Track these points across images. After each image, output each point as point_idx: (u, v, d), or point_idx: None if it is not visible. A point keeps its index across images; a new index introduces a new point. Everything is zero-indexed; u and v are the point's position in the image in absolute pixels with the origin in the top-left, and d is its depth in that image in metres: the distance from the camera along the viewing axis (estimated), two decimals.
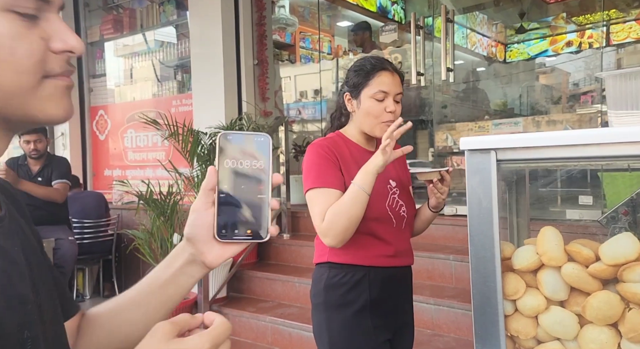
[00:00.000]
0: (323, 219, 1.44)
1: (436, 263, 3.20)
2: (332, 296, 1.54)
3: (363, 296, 1.53)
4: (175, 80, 5.06)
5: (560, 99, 5.41)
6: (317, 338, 1.59)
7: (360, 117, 1.57)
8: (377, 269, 1.55)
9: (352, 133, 1.63)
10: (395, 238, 1.59)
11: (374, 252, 1.55)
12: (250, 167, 0.64)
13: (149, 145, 5.14)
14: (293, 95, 6.48)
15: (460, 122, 5.02)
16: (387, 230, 1.56)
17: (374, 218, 1.52)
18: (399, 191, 1.61)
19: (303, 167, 1.57)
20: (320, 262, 1.60)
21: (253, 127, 4.01)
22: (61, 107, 0.56)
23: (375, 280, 1.55)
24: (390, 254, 1.57)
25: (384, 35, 4.67)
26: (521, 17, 6.62)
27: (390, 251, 1.57)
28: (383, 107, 1.53)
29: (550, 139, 0.98)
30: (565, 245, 1.01)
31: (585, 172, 3.35)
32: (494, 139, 1.05)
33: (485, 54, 7.18)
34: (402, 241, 1.62)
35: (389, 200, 1.58)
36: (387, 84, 1.53)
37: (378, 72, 1.54)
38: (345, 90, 1.60)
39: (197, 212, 0.66)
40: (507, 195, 1.30)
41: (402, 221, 1.61)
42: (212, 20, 4.30)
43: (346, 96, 1.59)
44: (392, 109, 1.53)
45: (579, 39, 6.53)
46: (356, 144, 1.61)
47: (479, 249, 1.06)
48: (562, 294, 1.01)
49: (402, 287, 1.65)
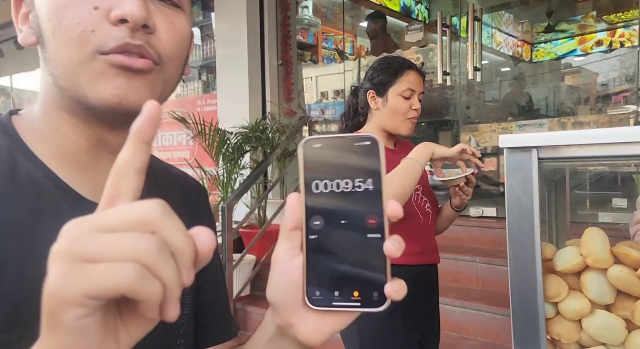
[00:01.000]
0: None
1: (462, 265, 3.16)
2: None
3: None
4: (200, 81, 5.10)
5: (589, 100, 5.29)
6: (346, 339, 1.58)
7: (386, 115, 1.59)
8: (407, 268, 1.54)
9: (370, 132, 1.62)
10: (422, 235, 1.60)
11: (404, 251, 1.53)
12: (353, 189, 0.42)
13: (174, 144, 5.19)
14: (314, 95, 6.47)
15: (484, 123, 4.95)
16: (414, 226, 1.57)
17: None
18: (422, 188, 1.63)
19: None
20: None
21: (277, 127, 4.02)
22: (111, 88, 0.48)
23: (406, 279, 1.52)
24: (418, 251, 1.57)
25: (410, 34, 4.63)
26: (549, 16, 6.50)
27: (419, 247, 1.57)
28: (409, 105, 1.57)
29: (595, 137, 0.94)
30: (611, 247, 0.97)
31: (616, 174, 3.27)
32: (535, 137, 1.01)
33: (511, 54, 7.07)
34: (429, 238, 1.63)
35: (414, 196, 1.59)
36: (415, 82, 1.58)
37: (406, 70, 1.58)
38: (368, 87, 1.61)
39: (279, 265, 0.44)
40: (546, 196, 1.26)
41: (428, 217, 1.62)
42: (237, 21, 4.32)
43: (369, 94, 1.61)
44: (418, 107, 1.58)
45: (609, 38, 6.38)
46: None
47: (518, 250, 1.03)
48: (608, 298, 0.97)
49: (430, 286, 1.65)
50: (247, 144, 3.73)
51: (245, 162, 3.94)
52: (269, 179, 4.17)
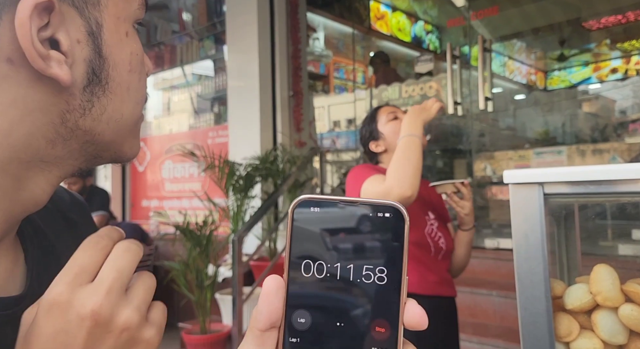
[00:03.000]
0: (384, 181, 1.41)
1: (478, 298, 3.07)
2: None
3: None
4: (212, 112, 5.17)
5: (607, 128, 5.22)
6: None
7: (391, 140, 1.65)
8: (422, 298, 1.50)
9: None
10: (435, 266, 1.57)
11: (415, 278, 1.52)
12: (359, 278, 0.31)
13: (185, 176, 5.24)
14: (326, 124, 6.51)
15: (500, 151, 4.91)
16: (426, 256, 1.55)
17: (414, 242, 1.52)
18: (437, 223, 1.62)
19: (348, 182, 1.57)
20: None
21: (288, 158, 4.02)
22: (139, 142, 0.48)
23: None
24: (436, 280, 1.54)
25: (420, 65, 4.66)
26: (561, 45, 6.51)
27: (434, 277, 1.54)
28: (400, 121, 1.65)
29: (603, 173, 0.90)
30: (621, 284, 0.93)
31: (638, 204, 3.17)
32: (540, 173, 0.98)
33: (524, 82, 7.06)
34: (441, 270, 1.60)
35: (428, 228, 1.57)
36: (390, 109, 1.72)
37: (377, 110, 1.74)
38: (366, 143, 1.74)
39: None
40: (556, 229, 1.22)
41: (440, 252, 1.59)
42: (249, 54, 4.40)
43: (371, 145, 1.71)
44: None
45: (624, 65, 6.34)
46: None
47: (527, 288, 0.99)
48: (621, 338, 0.92)
49: (448, 320, 1.60)
50: (257, 174, 3.74)
51: (255, 194, 3.94)
52: (280, 211, 4.15)
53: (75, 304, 0.34)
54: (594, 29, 6.21)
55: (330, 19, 6.20)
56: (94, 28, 0.40)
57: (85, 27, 0.39)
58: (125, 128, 0.44)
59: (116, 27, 0.41)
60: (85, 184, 4.00)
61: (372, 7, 6.55)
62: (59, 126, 0.40)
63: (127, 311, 0.35)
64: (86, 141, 0.42)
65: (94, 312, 0.34)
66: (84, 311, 0.34)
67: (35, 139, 0.40)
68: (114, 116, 0.42)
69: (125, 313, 0.35)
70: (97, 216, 3.93)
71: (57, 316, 0.34)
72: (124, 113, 0.43)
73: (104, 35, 0.40)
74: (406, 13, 6.99)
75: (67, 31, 0.38)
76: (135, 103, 0.43)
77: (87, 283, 0.35)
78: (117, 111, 0.42)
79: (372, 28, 6.54)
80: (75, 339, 0.34)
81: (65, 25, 0.38)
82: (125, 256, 0.36)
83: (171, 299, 4.69)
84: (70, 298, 0.34)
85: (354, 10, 6.25)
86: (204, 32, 5.31)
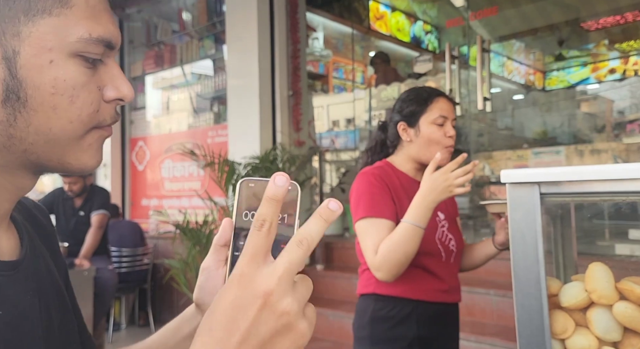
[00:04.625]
0: (376, 252, 1.39)
1: (476, 298, 3.08)
2: (378, 330, 1.48)
3: (411, 331, 1.47)
4: (212, 112, 5.18)
5: (605, 128, 5.24)
6: None
7: (420, 145, 1.54)
8: (426, 304, 1.49)
9: (400, 163, 1.59)
10: (445, 273, 1.53)
11: (422, 286, 1.49)
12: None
13: (185, 175, 5.25)
14: (326, 124, 6.53)
15: (498, 150, 4.92)
16: (436, 264, 1.51)
17: (424, 252, 1.46)
18: (448, 224, 1.57)
19: (352, 195, 1.52)
20: (366, 293, 1.54)
21: (287, 158, 4.04)
22: (95, 158, 0.54)
23: (424, 316, 1.49)
24: (442, 289, 1.52)
25: (418, 65, 4.68)
26: (560, 45, 6.52)
27: (442, 285, 1.52)
28: (443, 132, 1.52)
29: (598, 173, 0.92)
30: (616, 282, 0.94)
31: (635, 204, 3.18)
32: (537, 172, 1.00)
33: (523, 82, 7.08)
34: (452, 276, 1.57)
35: (439, 233, 1.53)
36: (446, 109, 1.54)
37: (435, 97, 1.55)
38: (399, 119, 1.57)
39: (206, 272, 0.57)
40: (552, 229, 1.24)
41: (451, 255, 1.56)
42: (248, 54, 4.41)
43: (400, 126, 1.56)
44: (453, 134, 1.52)
45: (622, 66, 6.36)
46: (405, 174, 1.58)
47: (524, 286, 1.00)
48: (615, 335, 0.94)
49: (450, 326, 1.59)
50: (257, 174, 3.75)
51: None
52: None
53: (253, 284, 0.42)
54: (593, 30, 6.22)
55: (330, 19, 6.20)
56: (9, 53, 0.47)
57: (1, 52, 0.47)
58: (59, 142, 0.50)
59: (37, 55, 0.48)
60: (86, 183, 4.00)
61: (372, 7, 6.56)
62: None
63: (289, 299, 0.42)
64: (24, 149, 0.50)
65: (266, 293, 0.41)
66: (258, 290, 0.41)
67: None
68: (41, 129, 0.49)
69: (288, 300, 0.42)
70: (97, 215, 3.93)
71: (238, 290, 0.42)
72: (51, 128, 0.49)
73: (21, 60, 0.48)
74: (405, 13, 7.00)
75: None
76: (67, 121, 0.50)
77: (262, 264, 0.43)
78: (44, 125, 0.49)
79: (372, 28, 6.55)
80: (246, 313, 0.41)
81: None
82: (297, 251, 0.43)
83: (171, 297, 4.71)
84: (251, 277, 0.42)
85: (354, 10, 6.26)
86: (203, 32, 5.31)
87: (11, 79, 0.48)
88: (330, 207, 0.45)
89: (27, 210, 0.63)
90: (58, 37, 0.48)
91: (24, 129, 0.49)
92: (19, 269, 0.53)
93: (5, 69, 0.48)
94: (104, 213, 3.98)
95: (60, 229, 3.97)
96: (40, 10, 0.48)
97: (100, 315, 3.75)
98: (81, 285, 3.42)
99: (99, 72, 0.52)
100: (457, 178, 1.36)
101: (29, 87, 0.48)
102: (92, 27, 0.50)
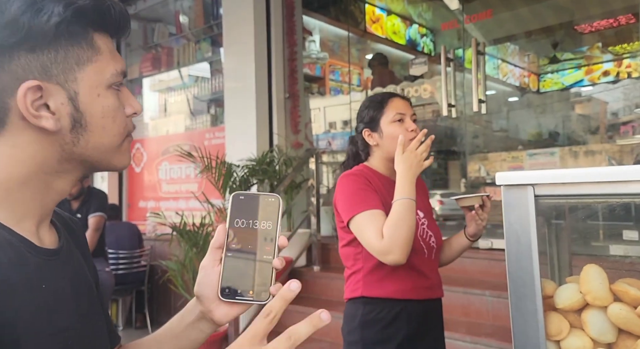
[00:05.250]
0: (381, 237, 1.41)
1: (472, 298, 3.10)
2: (370, 333, 1.50)
3: (402, 331, 1.49)
4: (209, 114, 5.18)
5: (599, 129, 5.28)
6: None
7: (387, 144, 1.60)
8: (414, 303, 1.52)
9: (377, 165, 1.64)
10: (428, 269, 1.57)
11: (410, 285, 1.52)
12: (259, 228, 0.66)
13: (182, 177, 5.24)
14: (322, 126, 6.54)
15: (493, 152, 4.95)
16: (420, 261, 1.55)
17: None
18: (427, 221, 1.62)
19: (338, 197, 1.56)
20: (353, 297, 1.56)
21: (284, 159, 4.05)
22: (129, 158, 0.73)
23: (413, 314, 1.52)
24: (427, 285, 1.56)
25: (414, 67, 4.70)
26: (554, 48, 6.56)
27: (427, 282, 1.55)
28: (405, 128, 1.58)
29: (592, 175, 0.94)
30: (610, 284, 0.96)
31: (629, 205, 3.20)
32: (531, 175, 1.01)
33: (517, 84, 7.11)
34: (433, 272, 1.61)
35: (420, 230, 1.57)
36: (401, 106, 1.61)
37: (389, 98, 1.63)
38: (362, 127, 1.64)
39: (204, 270, 0.70)
40: (547, 230, 1.25)
41: (432, 251, 1.60)
42: (245, 56, 4.42)
43: (365, 132, 1.63)
44: (414, 128, 1.59)
45: (616, 68, 6.40)
46: (383, 175, 1.63)
47: (518, 287, 1.02)
48: (610, 336, 0.95)
49: (436, 321, 1.62)
50: (254, 176, 3.76)
51: None
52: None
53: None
54: (586, 33, 6.26)
55: (326, 22, 6.22)
56: (72, 95, 0.64)
57: (67, 94, 0.64)
58: (108, 151, 0.68)
59: (90, 92, 0.65)
60: (83, 185, 4.00)
61: (368, 10, 6.58)
62: (62, 153, 0.66)
63: None
64: (82, 160, 0.67)
65: None
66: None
67: (49, 160, 0.66)
68: (96, 145, 0.66)
69: None
70: (94, 217, 3.93)
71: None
72: (104, 142, 0.67)
73: (80, 97, 0.64)
74: (401, 16, 7.02)
75: (54, 98, 0.63)
76: (112, 135, 0.67)
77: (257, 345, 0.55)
78: (98, 142, 0.66)
79: (368, 31, 6.57)
80: None
81: (52, 95, 0.63)
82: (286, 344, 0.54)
83: (168, 299, 4.70)
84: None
85: (350, 13, 6.28)
86: (200, 34, 5.32)
87: (76, 112, 0.64)
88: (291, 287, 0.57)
89: (64, 220, 0.77)
90: (100, 77, 0.66)
91: (84, 146, 0.66)
92: (59, 256, 0.66)
93: (72, 106, 0.64)
94: (101, 215, 3.97)
95: None
96: (86, 60, 0.65)
97: None
98: None
99: (119, 96, 0.68)
100: (422, 153, 1.49)
101: (87, 115, 0.65)
102: (116, 65, 0.67)
